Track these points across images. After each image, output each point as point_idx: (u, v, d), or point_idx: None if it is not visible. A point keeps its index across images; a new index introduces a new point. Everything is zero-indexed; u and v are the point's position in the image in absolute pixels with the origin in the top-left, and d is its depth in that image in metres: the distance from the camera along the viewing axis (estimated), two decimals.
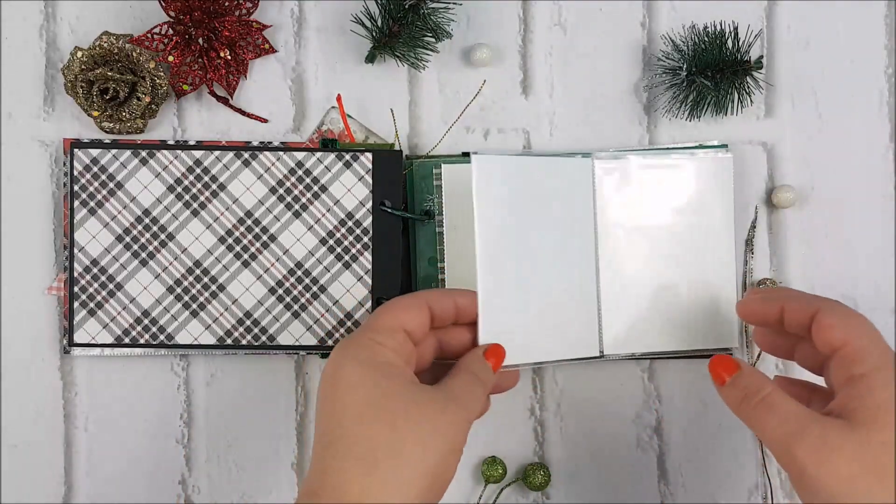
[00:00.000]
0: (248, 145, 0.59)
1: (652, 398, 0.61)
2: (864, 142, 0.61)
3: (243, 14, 0.59)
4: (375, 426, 0.45)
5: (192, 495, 0.61)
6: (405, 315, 0.49)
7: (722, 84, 0.58)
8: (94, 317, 0.59)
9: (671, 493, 0.61)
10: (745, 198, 0.61)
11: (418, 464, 0.44)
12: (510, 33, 0.61)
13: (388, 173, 0.59)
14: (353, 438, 0.45)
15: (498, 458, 0.60)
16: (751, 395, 0.47)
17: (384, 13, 0.57)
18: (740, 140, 0.61)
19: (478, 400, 0.49)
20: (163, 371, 0.61)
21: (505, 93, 0.61)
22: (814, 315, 0.47)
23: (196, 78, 0.59)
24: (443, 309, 0.50)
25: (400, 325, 0.48)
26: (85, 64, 0.58)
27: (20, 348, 0.60)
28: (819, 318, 0.47)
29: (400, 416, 0.45)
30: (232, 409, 0.61)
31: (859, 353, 0.45)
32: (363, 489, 0.44)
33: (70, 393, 0.61)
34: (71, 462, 0.61)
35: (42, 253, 0.60)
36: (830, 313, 0.47)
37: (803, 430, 0.44)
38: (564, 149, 0.60)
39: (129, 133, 0.59)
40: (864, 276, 0.61)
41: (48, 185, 0.60)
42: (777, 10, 0.61)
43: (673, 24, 0.61)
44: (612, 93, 0.61)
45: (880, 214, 0.61)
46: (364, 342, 0.48)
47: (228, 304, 0.59)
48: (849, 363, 0.45)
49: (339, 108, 0.60)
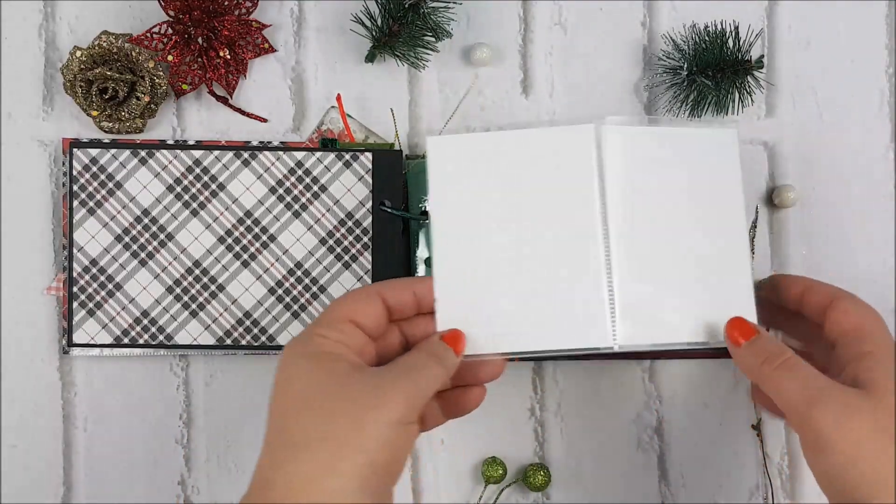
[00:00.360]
0: (247, 145, 0.59)
1: (652, 398, 0.61)
2: (865, 142, 0.61)
3: (243, 13, 0.59)
4: (308, 414, 0.45)
5: (192, 495, 0.61)
6: (353, 306, 0.48)
7: (723, 84, 0.58)
8: (93, 317, 0.59)
9: (671, 494, 0.61)
10: (745, 198, 0.60)
11: (353, 443, 0.44)
12: (510, 33, 0.61)
13: (388, 173, 0.58)
14: (290, 429, 0.45)
15: (498, 458, 0.60)
16: (772, 358, 0.48)
17: (384, 13, 0.57)
18: (741, 140, 0.60)
19: (433, 377, 0.47)
20: (162, 371, 0.60)
21: (505, 92, 0.61)
22: (832, 301, 0.51)
23: (195, 77, 0.59)
24: (399, 299, 0.50)
25: (346, 316, 0.48)
26: (84, 63, 0.58)
27: (19, 348, 0.60)
28: (836, 304, 0.50)
29: (336, 401, 0.45)
30: (231, 409, 0.61)
31: (870, 334, 0.49)
32: (298, 477, 0.43)
33: (69, 393, 0.60)
34: (70, 462, 0.61)
35: (41, 253, 0.60)
36: (849, 301, 0.51)
37: (824, 394, 0.46)
38: None
39: (129, 133, 0.59)
40: (864, 276, 0.60)
41: (47, 185, 0.60)
42: (778, 9, 0.61)
43: (673, 24, 0.61)
44: (613, 92, 0.61)
45: (880, 214, 0.61)
46: (306, 337, 0.47)
47: (228, 305, 0.59)
48: (860, 342, 0.49)
49: (339, 108, 0.60)
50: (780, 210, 0.61)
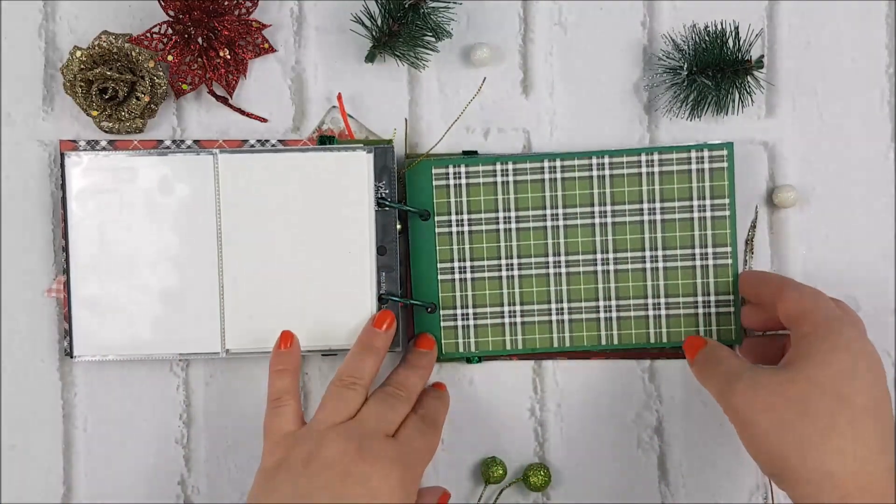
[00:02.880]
0: (246, 144, 0.59)
1: (652, 398, 0.61)
2: (865, 141, 0.61)
3: (243, 13, 0.59)
4: None
5: (192, 496, 0.61)
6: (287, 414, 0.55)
7: (723, 84, 0.58)
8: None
9: (672, 494, 0.61)
10: (745, 198, 0.60)
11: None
12: (510, 33, 0.61)
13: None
14: None
15: (498, 458, 0.60)
16: (709, 361, 0.54)
17: (384, 12, 0.57)
18: (741, 140, 0.61)
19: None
20: (162, 371, 0.60)
21: (505, 92, 0.61)
22: (780, 291, 0.54)
23: (195, 77, 0.59)
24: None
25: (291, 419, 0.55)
26: (84, 63, 0.58)
27: (20, 349, 0.60)
28: (782, 293, 0.53)
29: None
30: (231, 409, 0.61)
31: (808, 317, 0.51)
32: None
33: (69, 393, 0.60)
34: (70, 463, 0.61)
35: (41, 253, 0.60)
36: (793, 288, 0.54)
37: (739, 375, 0.51)
38: (564, 149, 0.60)
39: (129, 133, 0.59)
40: (864, 276, 0.61)
41: (47, 185, 0.60)
42: (778, 9, 0.61)
43: (674, 24, 0.61)
44: (613, 92, 0.61)
45: (880, 214, 0.61)
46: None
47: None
48: (800, 325, 0.51)
49: (340, 107, 0.60)
50: (780, 210, 0.61)
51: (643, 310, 0.59)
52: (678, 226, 0.59)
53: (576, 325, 0.59)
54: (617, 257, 0.59)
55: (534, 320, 0.59)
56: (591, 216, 0.59)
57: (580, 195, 0.59)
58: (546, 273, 0.59)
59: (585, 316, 0.59)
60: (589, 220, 0.59)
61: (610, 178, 0.59)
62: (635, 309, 0.59)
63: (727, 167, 0.58)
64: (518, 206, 0.59)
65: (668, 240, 0.59)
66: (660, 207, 0.59)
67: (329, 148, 0.58)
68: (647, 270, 0.59)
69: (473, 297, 0.59)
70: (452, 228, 0.59)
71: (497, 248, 0.59)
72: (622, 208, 0.59)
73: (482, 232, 0.59)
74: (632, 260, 0.59)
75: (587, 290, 0.59)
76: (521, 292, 0.59)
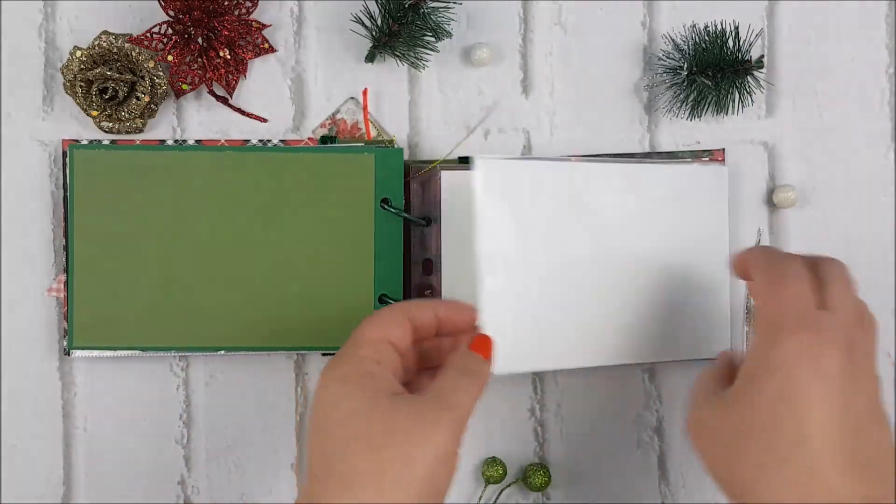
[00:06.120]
0: (247, 144, 0.59)
1: (653, 399, 0.61)
2: (865, 141, 0.61)
3: (243, 13, 0.59)
4: (354, 446, 0.44)
5: (192, 496, 0.61)
6: (387, 327, 0.48)
7: (723, 84, 0.58)
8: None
9: (672, 494, 0.61)
10: (746, 198, 0.61)
11: (403, 480, 0.44)
12: (510, 33, 0.61)
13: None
14: (335, 463, 0.45)
15: (498, 458, 0.60)
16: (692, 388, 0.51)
17: (384, 12, 0.57)
18: (741, 140, 0.61)
19: (468, 394, 0.47)
20: (162, 371, 0.60)
21: (505, 93, 0.61)
22: (748, 266, 0.50)
23: (195, 77, 0.59)
24: (424, 321, 0.50)
25: (384, 336, 0.48)
26: (84, 63, 0.58)
27: (20, 348, 0.60)
28: (753, 275, 0.49)
29: (378, 433, 0.44)
30: (231, 409, 0.61)
31: (761, 317, 0.47)
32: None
33: (69, 393, 0.60)
34: (70, 462, 0.61)
35: (41, 253, 0.60)
36: (760, 272, 0.49)
37: (694, 403, 0.49)
38: (564, 149, 0.60)
39: (129, 133, 0.59)
40: (865, 277, 0.60)
41: (47, 185, 0.60)
42: (778, 9, 0.61)
43: (673, 24, 0.61)
44: (613, 92, 0.61)
45: (880, 214, 0.61)
46: (346, 357, 0.47)
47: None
48: (756, 325, 0.48)
49: (364, 103, 0.60)
50: (780, 210, 0.61)
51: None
52: None
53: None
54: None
55: None
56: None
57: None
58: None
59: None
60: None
61: None
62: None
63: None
64: None
65: None
66: None
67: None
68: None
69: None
70: None
71: None
72: None
73: None
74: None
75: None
76: None
